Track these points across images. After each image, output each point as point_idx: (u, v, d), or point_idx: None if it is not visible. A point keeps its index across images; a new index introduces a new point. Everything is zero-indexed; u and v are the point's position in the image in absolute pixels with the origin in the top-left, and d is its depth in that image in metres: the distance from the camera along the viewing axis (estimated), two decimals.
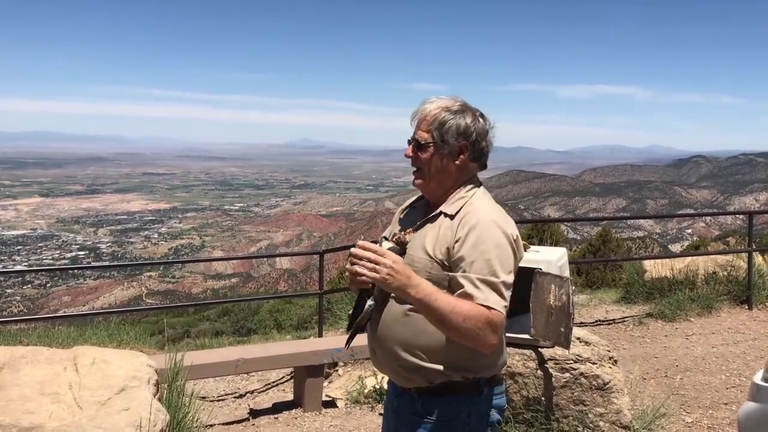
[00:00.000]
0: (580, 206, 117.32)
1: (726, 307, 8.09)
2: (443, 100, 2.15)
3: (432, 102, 2.15)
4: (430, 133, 2.12)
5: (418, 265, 2.06)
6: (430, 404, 2.11)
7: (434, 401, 2.11)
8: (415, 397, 2.13)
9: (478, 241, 2.04)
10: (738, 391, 5.52)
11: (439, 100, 2.16)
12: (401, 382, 2.17)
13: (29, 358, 3.23)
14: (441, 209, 2.15)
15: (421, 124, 2.13)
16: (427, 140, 2.12)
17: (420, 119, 2.13)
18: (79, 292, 73.58)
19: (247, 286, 67.07)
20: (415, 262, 2.06)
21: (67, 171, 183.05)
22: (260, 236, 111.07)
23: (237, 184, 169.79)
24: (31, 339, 7.21)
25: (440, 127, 2.11)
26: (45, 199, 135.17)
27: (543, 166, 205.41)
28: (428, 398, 2.11)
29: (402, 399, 2.18)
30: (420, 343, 2.08)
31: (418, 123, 2.13)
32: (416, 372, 2.09)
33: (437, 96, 2.19)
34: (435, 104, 2.13)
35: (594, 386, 4.06)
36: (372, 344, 2.23)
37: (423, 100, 2.19)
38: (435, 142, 2.12)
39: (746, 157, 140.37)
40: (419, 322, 2.05)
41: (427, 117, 2.12)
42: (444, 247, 2.07)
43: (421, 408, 2.12)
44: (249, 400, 6.09)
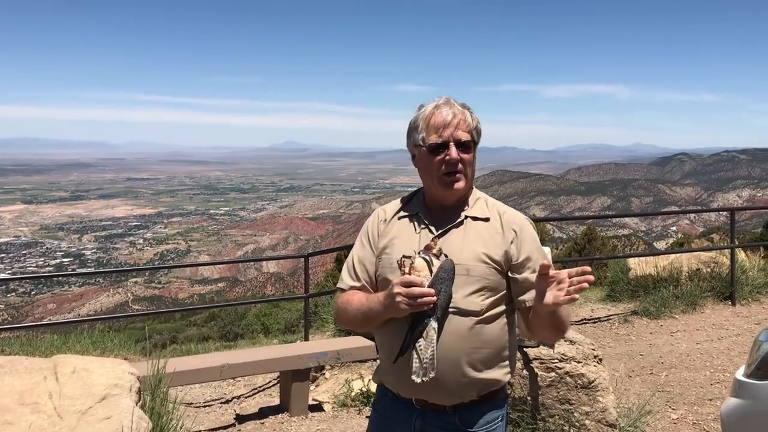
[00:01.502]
0: (566, 205, 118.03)
1: (710, 304, 8.15)
2: (452, 100, 2.15)
3: (450, 103, 2.13)
4: (470, 134, 2.11)
5: (475, 274, 2.02)
6: (469, 416, 2.08)
7: (474, 411, 2.08)
8: (450, 411, 2.06)
9: (531, 239, 2.12)
10: (722, 387, 5.56)
11: (450, 99, 2.15)
12: (448, 399, 2.05)
13: (8, 368, 3.18)
14: (468, 213, 2.13)
15: (460, 125, 2.09)
16: (469, 141, 2.11)
17: (458, 121, 2.09)
18: (64, 300, 72.94)
19: (234, 290, 66.78)
20: (472, 271, 2.02)
21: (50, 177, 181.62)
22: (246, 240, 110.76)
23: (222, 188, 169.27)
24: (13, 348, 7.12)
25: (477, 128, 2.14)
26: (28, 206, 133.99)
27: (528, 165, 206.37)
28: (467, 410, 2.07)
29: (428, 417, 2.08)
30: (481, 355, 2.05)
31: (457, 124, 2.08)
32: (472, 385, 2.05)
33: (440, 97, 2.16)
34: (459, 106, 2.13)
35: (579, 385, 4.07)
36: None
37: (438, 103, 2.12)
38: (475, 142, 2.14)
39: (729, 154, 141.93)
40: (483, 334, 2.04)
41: (465, 119, 2.10)
42: (501, 250, 2.07)
43: (459, 421, 2.07)
44: (235, 406, 6.04)
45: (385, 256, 2.12)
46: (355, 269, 2.18)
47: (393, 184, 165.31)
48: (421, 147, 2.11)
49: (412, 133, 2.15)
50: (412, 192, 2.29)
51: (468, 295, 2.02)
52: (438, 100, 2.14)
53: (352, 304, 2.11)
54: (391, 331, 2.04)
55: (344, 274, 2.21)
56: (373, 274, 2.16)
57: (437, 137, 2.07)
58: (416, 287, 1.88)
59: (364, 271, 2.17)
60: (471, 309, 2.02)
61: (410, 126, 2.17)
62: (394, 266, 2.05)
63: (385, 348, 2.11)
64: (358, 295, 2.13)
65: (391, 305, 1.93)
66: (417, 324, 1.95)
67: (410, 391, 2.05)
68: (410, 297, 1.88)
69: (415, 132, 2.13)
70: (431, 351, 1.94)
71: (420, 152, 2.12)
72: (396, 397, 2.12)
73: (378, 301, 2.01)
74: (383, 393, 2.18)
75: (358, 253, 2.20)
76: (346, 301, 2.15)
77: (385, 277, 2.10)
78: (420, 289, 1.88)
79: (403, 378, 2.01)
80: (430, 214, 2.15)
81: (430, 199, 2.18)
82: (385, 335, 2.09)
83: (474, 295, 2.03)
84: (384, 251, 2.13)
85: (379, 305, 2.00)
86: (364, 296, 2.11)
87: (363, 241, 2.21)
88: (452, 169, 2.07)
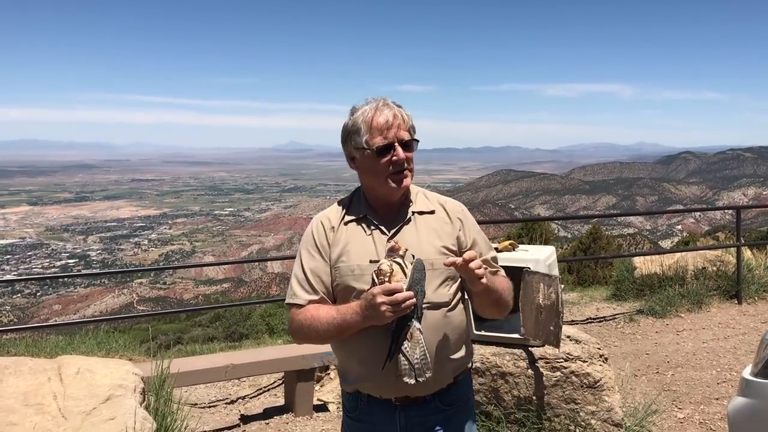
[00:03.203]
0: (570, 204, 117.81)
1: (716, 303, 8.12)
2: (389, 101, 2.18)
3: (389, 105, 2.15)
4: (409, 132, 2.16)
5: (438, 266, 2.09)
6: (447, 396, 2.17)
7: (450, 392, 2.17)
8: (430, 398, 2.13)
9: (473, 224, 2.25)
10: (729, 386, 5.53)
11: (387, 100, 2.17)
12: (430, 389, 2.12)
13: (12, 368, 3.18)
14: (414, 209, 2.19)
15: (401, 125, 2.13)
16: (411, 139, 2.16)
17: (399, 122, 2.12)
18: (69, 301, 73.10)
19: (239, 290, 66.80)
20: (435, 264, 2.08)
21: (55, 179, 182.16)
22: (251, 240, 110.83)
23: (226, 189, 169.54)
24: (19, 349, 7.13)
25: (413, 126, 2.19)
26: (33, 208, 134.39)
27: (532, 165, 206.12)
28: (445, 393, 2.16)
29: (411, 410, 2.13)
30: (452, 341, 2.14)
31: (398, 125, 2.12)
32: (450, 370, 2.15)
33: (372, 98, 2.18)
34: (394, 107, 2.16)
35: (585, 384, 4.05)
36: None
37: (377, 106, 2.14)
38: (415, 140, 2.18)
39: (734, 153, 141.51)
40: (452, 321, 2.14)
41: (404, 118, 2.15)
42: (453, 239, 2.17)
43: (440, 403, 2.15)
44: (240, 406, 6.04)
45: (342, 264, 2.11)
46: (309, 282, 2.14)
47: None
48: (365, 150, 2.12)
49: (353, 136, 2.15)
50: (347, 196, 2.29)
51: (437, 288, 2.09)
52: (375, 102, 2.15)
53: (320, 319, 2.07)
54: (368, 338, 2.04)
55: (297, 289, 2.15)
56: (329, 284, 2.14)
57: (382, 139, 2.10)
58: (399, 293, 1.90)
59: (320, 282, 2.14)
60: (441, 301, 2.10)
61: (348, 129, 2.17)
62: (356, 273, 2.08)
63: (360, 355, 2.10)
64: (322, 308, 2.09)
65: (374, 315, 1.93)
66: (401, 328, 1.97)
67: (393, 391, 2.09)
68: (394, 304, 1.90)
69: (356, 135, 2.13)
70: (420, 351, 1.97)
71: (364, 155, 2.13)
72: (372, 401, 2.14)
73: (353, 311, 2.00)
74: (357, 400, 2.18)
75: (308, 265, 2.15)
76: (310, 317, 2.09)
77: (346, 285, 2.09)
78: (403, 295, 1.90)
79: (386, 380, 2.05)
80: (376, 215, 2.18)
81: (373, 200, 2.20)
82: (361, 343, 2.07)
83: (441, 287, 2.11)
84: (339, 260, 2.12)
85: (357, 316, 1.99)
86: (333, 309, 2.07)
87: (311, 252, 2.17)
88: (400, 168, 2.11)
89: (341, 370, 2.23)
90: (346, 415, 2.26)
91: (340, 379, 2.24)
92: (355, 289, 2.07)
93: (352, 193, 2.29)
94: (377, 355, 2.02)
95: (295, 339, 2.22)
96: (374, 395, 2.13)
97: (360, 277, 2.07)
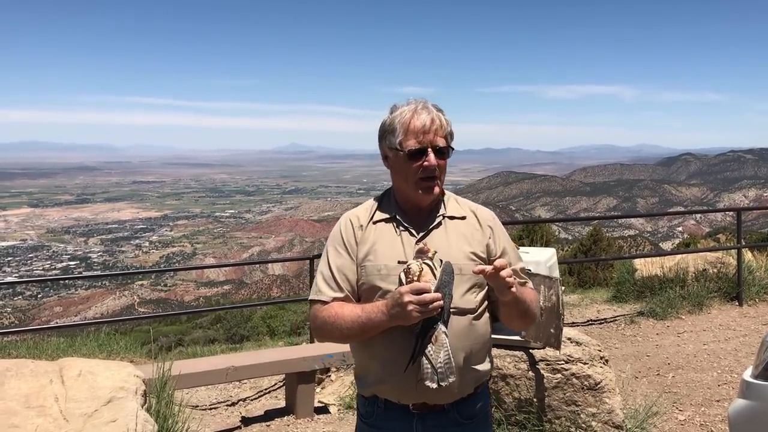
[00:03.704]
0: (571, 206, 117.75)
1: (717, 304, 8.12)
2: (429, 104, 2.13)
3: (428, 108, 2.11)
4: (445, 139, 2.12)
5: (466, 272, 2.05)
6: (466, 408, 2.12)
7: (469, 403, 2.13)
8: (449, 408, 2.09)
9: (503, 233, 2.22)
10: (730, 388, 5.54)
11: (427, 103, 2.13)
12: (451, 398, 2.07)
13: (14, 371, 3.19)
14: (445, 213, 2.16)
15: (438, 131, 2.09)
16: (445, 147, 2.12)
17: (436, 127, 2.09)
18: (70, 303, 73.06)
19: (240, 292, 66.77)
20: (464, 270, 2.05)
21: (56, 181, 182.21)
22: (252, 242, 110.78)
23: (227, 191, 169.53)
24: (20, 351, 7.14)
25: (451, 132, 2.15)
26: (34, 210, 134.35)
27: (533, 166, 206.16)
28: (464, 403, 2.11)
29: (429, 419, 2.08)
30: (476, 350, 2.11)
31: (435, 130, 2.08)
32: (472, 380, 2.10)
33: (414, 99, 2.15)
34: (434, 111, 2.12)
35: (586, 386, 4.06)
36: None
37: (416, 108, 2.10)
38: (450, 147, 2.14)
39: (734, 154, 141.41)
40: (477, 330, 2.10)
41: (442, 124, 2.11)
42: (483, 246, 2.14)
43: (458, 416, 2.10)
44: (241, 408, 6.04)
45: (368, 263, 2.08)
46: (335, 279, 2.11)
47: None
48: (398, 151, 2.09)
49: (388, 135, 2.12)
50: (379, 195, 2.26)
51: (464, 294, 2.06)
52: (415, 104, 2.12)
53: (344, 317, 2.04)
54: (391, 339, 2.01)
55: (322, 286, 2.12)
56: (354, 282, 2.11)
57: (416, 143, 2.07)
58: (426, 293, 1.88)
59: (345, 280, 2.11)
60: (468, 307, 2.07)
61: (385, 127, 2.14)
62: (383, 273, 2.05)
63: (382, 357, 2.06)
64: (347, 306, 2.07)
65: (401, 314, 1.90)
66: (426, 330, 1.93)
67: (412, 396, 2.04)
68: (422, 304, 1.87)
69: (392, 135, 2.11)
70: (444, 355, 1.93)
71: (396, 156, 2.11)
72: (389, 406, 2.09)
73: (379, 310, 1.97)
74: (374, 405, 2.13)
75: (335, 262, 2.13)
76: (334, 314, 2.06)
77: (372, 284, 2.07)
78: (431, 295, 1.88)
79: (406, 384, 2.00)
80: (406, 216, 2.15)
81: (403, 201, 2.17)
82: (384, 344, 2.03)
83: (468, 293, 2.07)
84: (366, 258, 2.09)
85: (382, 315, 1.96)
86: (358, 307, 2.04)
87: (338, 249, 2.14)
88: (429, 174, 2.08)
89: (360, 372, 2.17)
90: (361, 420, 2.21)
91: (358, 382, 2.19)
92: (381, 288, 2.04)
93: (383, 192, 2.25)
94: (399, 357, 1.99)
95: (316, 336, 2.18)
96: (392, 400, 2.08)
97: (386, 277, 2.04)
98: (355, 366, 2.22)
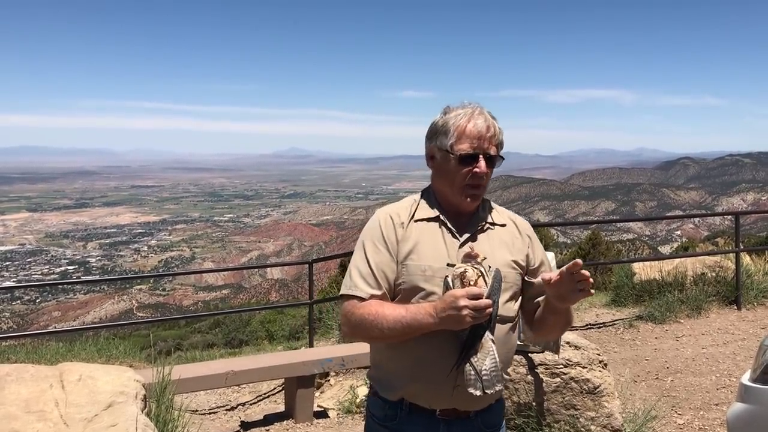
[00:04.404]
0: (570, 210, 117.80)
1: (715, 308, 8.12)
2: (485, 111, 2.09)
3: (485, 114, 2.06)
4: (496, 148, 2.08)
5: (508, 280, 2.03)
6: (489, 417, 2.10)
7: (492, 412, 2.11)
8: (473, 416, 2.05)
9: (539, 244, 2.20)
10: (728, 391, 5.54)
11: (483, 109, 2.08)
12: (479, 405, 2.03)
13: (14, 375, 3.19)
14: (490, 220, 2.13)
15: (492, 139, 2.05)
16: (496, 156, 2.08)
17: (491, 134, 2.04)
18: (69, 307, 72.96)
19: (239, 297, 66.71)
20: (506, 278, 2.01)
21: (54, 185, 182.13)
22: (251, 247, 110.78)
23: (226, 195, 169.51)
24: (19, 356, 7.13)
25: (502, 141, 2.10)
26: (33, 214, 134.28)
27: (532, 170, 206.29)
28: (487, 412, 2.09)
29: (454, 426, 2.04)
30: (510, 357, 2.14)
31: (489, 138, 2.04)
32: (500, 388, 2.04)
33: (469, 103, 2.09)
34: (490, 118, 2.07)
35: (585, 390, 4.06)
36: None
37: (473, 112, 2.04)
38: (500, 157, 2.11)
39: (733, 158, 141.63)
40: (512, 338, 2.10)
41: (496, 132, 2.07)
42: (523, 255, 2.11)
43: (482, 424, 2.08)
44: (240, 413, 6.04)
45: (411, 262, 2.00)
46: (374, 275, 2.00)
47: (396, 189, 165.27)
48: (448, 153, 2.03)
49: (439, 136, 2.05)
50: (419, 194, 2.17)
51: (505, 302, 2.02)
52: (472, 108, 2.05)
53: (386, 316, 1.93)
54: (434, 343, 1.94)
55: (359, 282, 2.01)
56: (392, 281, 2.02)
57: (470, 148, 2.00)
58: (481, 299, 1.83)
59: (384, 278, 2.01)
60: (509, 315, 2.04)
61: (437, 128, 2.07)
62: (427, 274, 1.98)
63: (422, 361, 1.98)
64: (387, 305, 1.97)
65: (453, 318, 1.84)
66: (475, 336, 1.90)
67: (445, 401, 2.00)
68: (476, 310, 1.82)
69: (444, 136, 2.03)
70: (490, 362, 1.90)
71: (445, 158, 2.04)
72: (414, 411, 2.03)
73: (427, 312, 1.89)
74: (396, 408, 2.05)
75: (374, 258, 2.01)
76: (375, 312, 1.94)
77: (414, 285, 1.99)
78: (485, 301, 1.83)
79: (441, 389, 1.97)
80: (450, 219, 2.08)
81: (445, 204, 2.10)
82: (425, 347, 1.95)
83: (510, 302, 2.05)
84: (408, 257, 2.00)
85: (430, 317, 1.88)
86: (401, 307, 1.95)
87: (377, 246, 2.03)
88: (477, 182, 2.03)
89: (387, 374, 2.06)
90: (377, 423, 2.11)
91: (379, 385, 2.09)
92: (424, 290, 1.97)
93: (423, 191, 2.17)
94: (439, 361, 1.94)
95: (349, 334, 2.06)
96: (421, 405, 2.01)
97: (431, 278, 1.97)
98: (377, 367, 2.11)
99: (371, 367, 2.16)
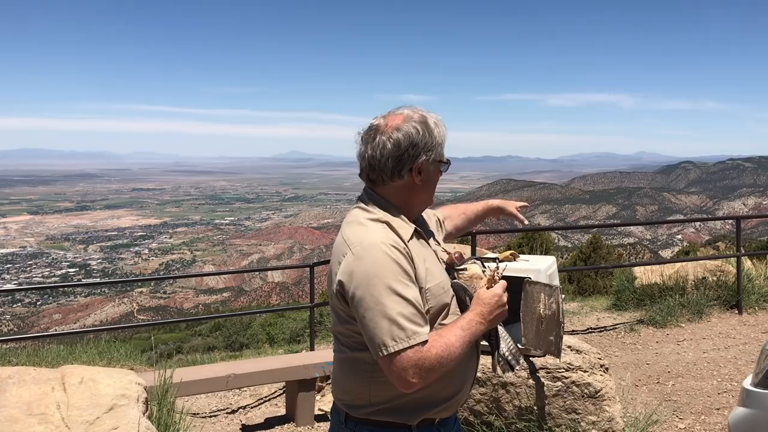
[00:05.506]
0: (571, 214, 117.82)
1: (716, 312, 8.12)
2: None
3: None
4: None
5: None
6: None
7: None
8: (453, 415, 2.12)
9: None
10: (730, 396, 5.54)
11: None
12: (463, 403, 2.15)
13: (16, 378, 3.19)
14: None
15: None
16: None
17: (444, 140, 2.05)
18: (69, 310, 72.96)
19: (239, 300, 66.70)
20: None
21: (55, 188, 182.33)
22: (251, 250, 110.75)
23: (227, 198, 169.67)
24: (20, 358, 7.14)
25: None
26: (34, 217, 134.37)
27: (533, 174, 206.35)
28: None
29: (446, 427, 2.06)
30: None
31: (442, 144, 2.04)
32: None
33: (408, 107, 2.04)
34: None
35: (586, 394, 4.06)
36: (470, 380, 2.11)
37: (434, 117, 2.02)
38: None
39: (734, 162, 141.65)
40: None
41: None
42: (437, 226, 2.34)
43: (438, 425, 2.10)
44: (241, 416, 6.04)
45: (431, 284, 1.92)
46: (420, 312, 1.83)
47: None
48: (441, 163, 2.03)
49: (437, 148, 2.00)
50: (374, 216, 1.97)
51: None
52: (426, 112, 2.01)
53: (453, 345, 1.83)
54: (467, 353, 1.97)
55: (412, 327, 1.78)
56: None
57: None
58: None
59: (423, 311, 1.87)
60: None
61: (434, 140, 1.99)
62: (446, 289, 1.97)
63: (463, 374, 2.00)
64: (441, 334, 1.86)
65: (500, 316, 1.94)
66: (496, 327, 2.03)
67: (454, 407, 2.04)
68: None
69: (440, 147, 2.01)
70: (508, 342, 2.04)
71: (436, 168, 2.03)
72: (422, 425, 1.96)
73: (475, 321, 1.88)
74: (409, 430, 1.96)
75: (411, 295, 1.83)
76: (444, 346, 1.81)
77: (442, 304, 1.94)
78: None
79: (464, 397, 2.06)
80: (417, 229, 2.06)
81: (407, 214, 2.02)
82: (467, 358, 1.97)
83: None
84: (427, 280, 1.92)
85: (480, 325, 1.89)
86: (453, 328, 1.88)
87: (404, 282, 1.83)
88: None
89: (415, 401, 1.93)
90: None
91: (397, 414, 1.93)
92: (449, 305, 1.97)
93: (376, 209, 1.99)
94: (469, 368, 2.04)
95: (424, 381, 1.81)
96: (432, 417, 1.97)
97: (448, 292, 1.98)
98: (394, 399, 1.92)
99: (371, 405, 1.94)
